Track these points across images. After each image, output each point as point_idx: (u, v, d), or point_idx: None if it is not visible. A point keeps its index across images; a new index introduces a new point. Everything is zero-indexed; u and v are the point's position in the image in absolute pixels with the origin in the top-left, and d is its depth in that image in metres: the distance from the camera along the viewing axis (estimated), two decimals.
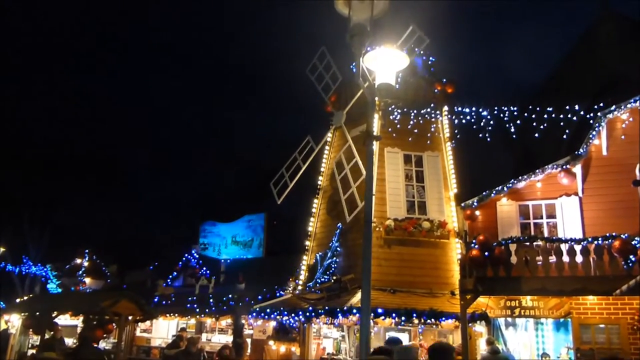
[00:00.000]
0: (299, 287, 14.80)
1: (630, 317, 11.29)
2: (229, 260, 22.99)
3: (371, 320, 11.15)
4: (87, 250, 22.79)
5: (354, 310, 11.32)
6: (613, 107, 12.95)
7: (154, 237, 32.13)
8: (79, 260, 22.41)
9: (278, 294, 15.48)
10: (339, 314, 11.57)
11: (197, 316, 16.41)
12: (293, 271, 15.64)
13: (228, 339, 16.77)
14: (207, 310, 16.06)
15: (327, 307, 11.87)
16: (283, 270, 17.08)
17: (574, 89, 16.36)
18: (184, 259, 22.11)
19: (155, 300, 17.37)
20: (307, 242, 15.33)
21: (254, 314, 13.71)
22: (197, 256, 22.30)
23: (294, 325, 13.54)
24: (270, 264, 20.86)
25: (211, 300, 16.34)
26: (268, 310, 13.36)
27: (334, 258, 13.86)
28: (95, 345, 11.59)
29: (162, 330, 18.40)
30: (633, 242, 10.29)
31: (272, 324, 14.36)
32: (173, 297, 17.57)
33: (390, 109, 14.28)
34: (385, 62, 7.12)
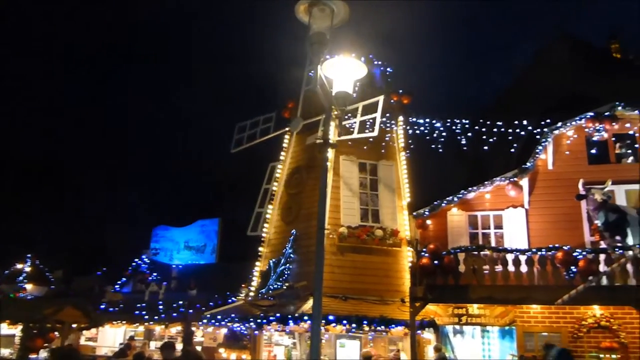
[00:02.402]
0: (252, 294, 14.67)
1: (571, 325, 11.76)
2: (181, 266, 22.55)
3: (322, 327, 11.18)
4: (29, 255, 21.78)
5: (306, 317, 11.31)
6: (559, 124, 13.55)
7: (104, 242, 31.17)
8: (19, 266, 21.37)
9: (230, 301, 15.30)
10: (290, 321, 11.54)
11: (146, 323, 15.99)
12: (246, 278, 15.49)
13: (178, 346, 16.40)
14: (156, 317, 15.68)
15: (278, 314, 11.81)
16: (236, 276, 16.91)
17: (525, 106, 16.96)
18: (134, 264, 21.51)
19: (102, 307, 16.82)
20: (261, 248, 15.23)
21: (205, 321, 13.49)
22: (148, 261, 21.76)
23: (245, 332, 13.40)
24: (223, 270, 20.62)
25: (161, 306, 15.97)
26: (219, 317, 13.17)
27: (288, 265, 13.82)
28: (35, 356, 11.11)
29: (109, 338, 17.82)
30: (575, 254, 10.74)
31: (223, 331, 14.17)
32: (121, 304, 17.06)
33: (346, 117, 14.41)
34: (343, 71, 7.21)
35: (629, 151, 13.51)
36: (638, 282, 10.37)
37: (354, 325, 11.53)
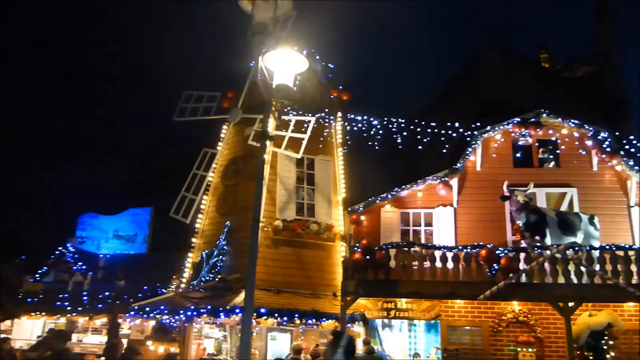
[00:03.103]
0: (183, 286, 14.39)
1: (491, 320, 12.37)
2: (109, 256, 21.70)
3: (253, 320, 11.16)
4: None
5: (237, 310, 11.24)
6: (488, 128, 14.19)
7: (23, 228, 29.41)
8: None
9: (160, 292, 14.91)
10: (222, 314, 11.43)
11: (69, 315, 15.29)
12: (178, 269, 15.16)
13: (102, 339, 15.83)
14: (80, 308, 15.03)
15: (209, 307, 11.67)
16: (167, 267, 16.49)
17: (459, 109, 17.58)
18: (57, 252, 20.45)
19: (19, 297, 15.91)
20: (194, 239, 14.96)
21: (133, 313, 13.09)
22: (73, 250, 20.75)
23: (175, 325, 13.13)
24: (154, 261, 20.02)
25: (85, 297, 15.33)
26: (148, 308, 12.82)
27: (221, 256, 13.66)
28: None
29: (25, 331, 16.87)
30: (497, 252, 11.31)
31: (152, 323, 13.81)
32: (41, 294, 16.20)
33: (286, 110, 14.39)
34: (285, 64, 7.21)
35: (551, 156, 14.37)
36: (554, 280, 11.08)
37: (285, 318, 11.58)
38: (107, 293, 15.42)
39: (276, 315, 11.53)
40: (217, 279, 13.12)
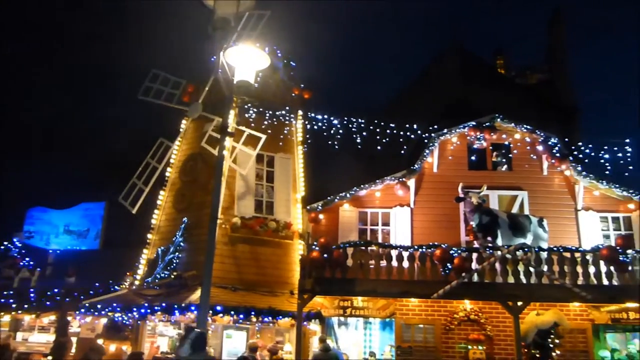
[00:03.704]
0: (137, 283, 14.09)
1: (444, 318, 12.67)
2: (59, 251, 21.00)
3: (209, 318, 11.05)
4: None
5: (193, 307, 11.10)
6: (445, 130, 14.52)
7: None
8: None
9: (113, 289, 14.56)
10: (177, 311, 11.27)
11: (14, 312, 14.72)
12: (132, 265, 14.83)
13: (50, 337, 15.31)
14: (26, 305, 14.49)
15: (164, 304, 11.48)
16: (121, 264, 16.12)
17: (418, 110, 17.89)
18: (1, 247, 19.62)
19: None
20: (150, 235, 14.66)
21: (83, 310, 12.73)
22: (20, 245, 19.97)
23: (128, 322, 12.84)
24: (107, 257, 19.51)
25: (32, 294, 14.78)
26: (99, 306, 12.50)
27: (177, 253, 13.45)
28: None
29: None
30: (451, 252, 11.58)
31: (103, 321, 13.46)
32: None
33: (246, 106, 14.31)
34: (246, 60, 7.17)
35: (504, 160, 14.83)
36: (504, 280, 11.44)
37: (242, 316, 11.53)
38: (55, 290, 14.93)
39: (232, 312, 11.46)
40: (172, 276, 12.91)
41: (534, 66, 35.76)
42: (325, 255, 11.70)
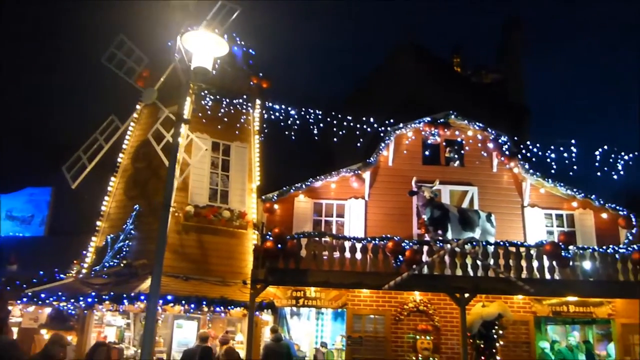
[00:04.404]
0: (84, 271, 13.68)
1: (394, 309, 12.92)
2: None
3: (159, 308, 10.88)
4: None
5: (142, 297, 10.90)
6: (401, 125, 14.75)
7: None
8: None
9: (58, 278, 14.07)
10: (125, 300, 11.03)
11: None
12: (79, 253, 14.37)
13: None
14: None
15: (112, 293, 11.21)
16: (67, 252, 15.58)
17: (376, 104, 18.10)
18: None
19: None
20: (99, 223, 14.25)
21: (26, 300, 12.26)
22: None
23: (73, 312, 12.47)
24: (53, 245, 18.81)
25: None
26: (43, 295, 12.06)
27: (127, 241, 13.13)
28: None
29: None
30: (403, 244, 11.81)
31: (48, 310, 13.03)
32: None
33: (203, 94, 14.07)
34: (204, 46, 7.05)
35: (456, 156, 15.21)
36: (453, 272, 11.78)
37: (193, 305, 11.39)
38: None
39: (183, 302, 11.31)
40: (122, 265, 12.62)
41: (489, 66, 36.66)
42: (279, 246, 11.69)
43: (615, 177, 13.31)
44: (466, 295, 11.63)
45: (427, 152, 15.06)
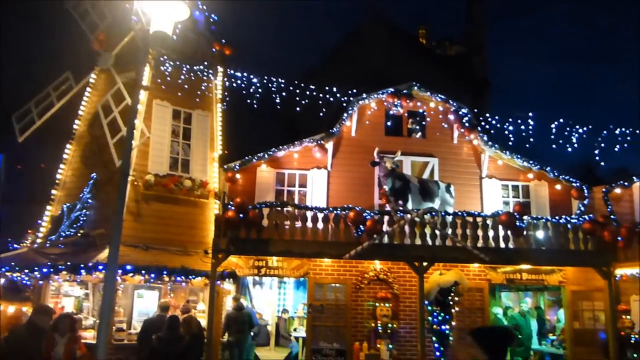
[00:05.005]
0: (39, 241, 13.32)
1: (355, 278, 13.16)
2: None
3: (118, 277, 10.74)
4: None
5: (100, 267, 10.72)
6: (364, 95, 14.74)
7: None
8: None
9: (12, 248, 13.66)
10: (83, 270, 10.82)
11: None
12: (33, 223, 13.95)
13: None
14: None
15: (69, 263, 10.98)
16: (21, 221, 15.12)
17: (341, 76, 17.94)
18: None
19: None
20: (54, 191, 13.83)
21: None
22: None
23: (28, 282, 12.17)
24: (5, 214, 18.21)
25: None
26: None
27: (84, 210, 12.82)
28: None
29: None
30: (364, 214, 11.97)
31: (1, 281, 12.67)
32: None
33: (162, 59, 13.65)
34: (164, 10, 6.80)
35: (418, 127, 15.37)
36: (412, 242, 12.04)
37: (153, 275, 11.29)
38: None
39: (143, 272, 11.19)
40: (79, 234, 12.34)
41: (453, 38, 36.91)
42: (240, 215, 11.67)
43: (569, 149, 13.75)
44: (425, 264, 11.94)
45: (389, 123, 15.15)
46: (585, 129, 13.75)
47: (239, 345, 12.69)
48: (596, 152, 13.99)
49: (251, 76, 13.88)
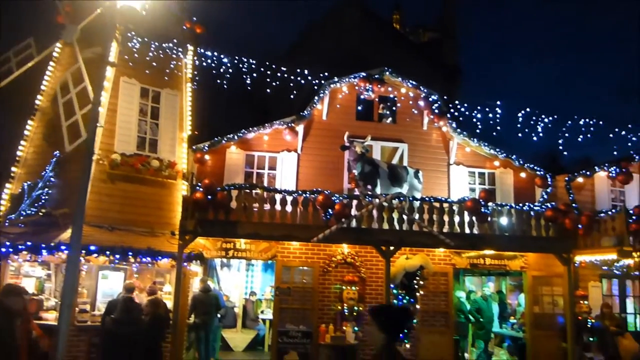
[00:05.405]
0: None
1: (322, 261, 13.22)
2: None
3: (82, 258, 10.54)
4: None
5: (63, 247, 10.50)
6: (336, 79, 14.69)
7: None
8: None
9: None
10: (44, 250, 10.59)
11: None
12: None
13: None
14: None
15: (29, 243, 10.72)
16: None
17: (314, 59, 17.84)
18: None
19: None
20: (14, 169, 13.38)
21: None
22: None
23: None
24: None
25: None
26: None
27: (47, 189, 12.46)
28: None
29: None
30: (333, 198, 12.01)
31: None
32: None
33: (130, 35, 13.28)
34: None
35: (389, 112, 15.43)
36: (380, 226, 12.17)
37: (118, 256, 11.13)
38: None
39: (108, 253, 11.01)
40: (40, 214, 12.01)
41: (427, 25, 37.08)
42: (209, 197, 11.57)
43: (535, 138, 14.06)
44: (391, 248, 12.10)
45: (360, 108, 15.16)
46: (550, 118, 14.07)
47: (205, 327, 12.68)
48: (560, 141, 14.36)
49: (222, 56, 13.65)
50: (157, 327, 10.49)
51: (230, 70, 13.76)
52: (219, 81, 13.76)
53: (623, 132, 14.67)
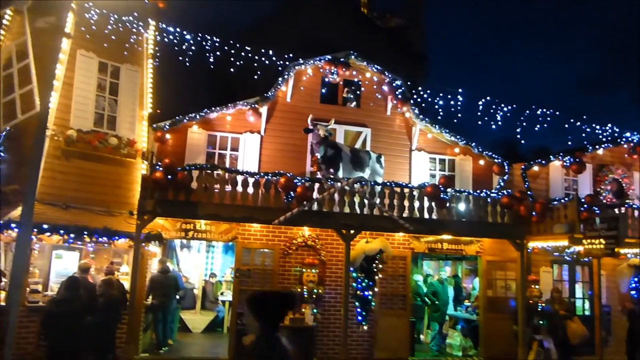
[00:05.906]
0: None
1: (283, 244, 13.23)
2: None
3: (34, 237, 10.23)
4: None
5: (13, 225, 10.14)
6: (301, 61, 14.56)
7: None
8: None
9: None
10: None
11: None
12: None
13: None
14: None
15: None
16: None
17: (279, 39, 17.59)
18: None
19: None
20: None
21: None
22: None
23: None
24: None
25: None
26: None
27: None
28: None
29: None
30: (295, 181, 11.99)
31: None
32: None
33: (88, 5, 12.77)
34: None
35: (353, 97, 15.44)
36: (341, 210, 12.24)
37: (72, 235, 10.86)
38: None
39: (61, 232, 10.72)
40: None
41: (394, 11, 37.11)
42: (169, 177, 11.36)
43: (493, 127, 14.37)
44: (352, 231, 12.21)
45: (325, 91, 15.10)
46: (509, 107, 14.39)
47: (163, 308, 12.57)
48: (518, 130, 14.73)
49: (184, 32, 13.31)
50: (110, 308, 10.31)
51: (193, 48, 13.44)
52: (181, 58, 13.43)
53: (578, 123, 15.18)
